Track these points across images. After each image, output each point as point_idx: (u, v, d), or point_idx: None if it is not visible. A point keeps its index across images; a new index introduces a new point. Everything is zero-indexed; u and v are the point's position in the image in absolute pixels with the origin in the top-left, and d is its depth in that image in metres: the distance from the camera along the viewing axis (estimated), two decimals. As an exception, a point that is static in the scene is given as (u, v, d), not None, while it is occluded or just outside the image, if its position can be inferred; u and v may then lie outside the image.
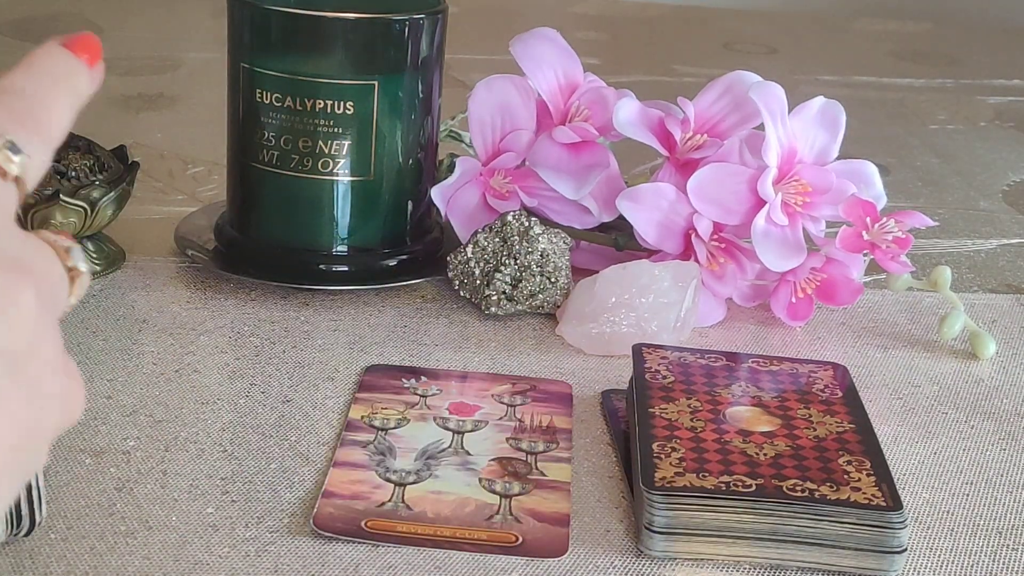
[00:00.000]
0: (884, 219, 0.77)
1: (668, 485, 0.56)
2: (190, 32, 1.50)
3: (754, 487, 0.56)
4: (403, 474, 0.60)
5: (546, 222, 0.81)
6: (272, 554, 0.55)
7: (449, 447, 0.62)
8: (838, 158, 0.82)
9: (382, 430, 0.64)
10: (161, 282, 0.81)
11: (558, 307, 0.78)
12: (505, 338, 0.77)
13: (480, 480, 0.60)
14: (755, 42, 1.67)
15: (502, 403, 0.67)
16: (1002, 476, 0.65)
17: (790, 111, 0.79)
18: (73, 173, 0.78)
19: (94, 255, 0.81)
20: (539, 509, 0.58)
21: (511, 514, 0.57)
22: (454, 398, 0.67)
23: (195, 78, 1.29)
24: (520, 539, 0.56)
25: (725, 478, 0.56)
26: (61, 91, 0.37)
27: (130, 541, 0.55)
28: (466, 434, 0.64)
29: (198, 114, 1.17)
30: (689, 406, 0.63)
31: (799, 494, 0.56)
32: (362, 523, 0.56)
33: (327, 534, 0.56)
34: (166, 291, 0.80)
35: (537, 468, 0.61)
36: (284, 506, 0.58)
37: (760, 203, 0.78)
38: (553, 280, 0.78)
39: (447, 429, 0.64)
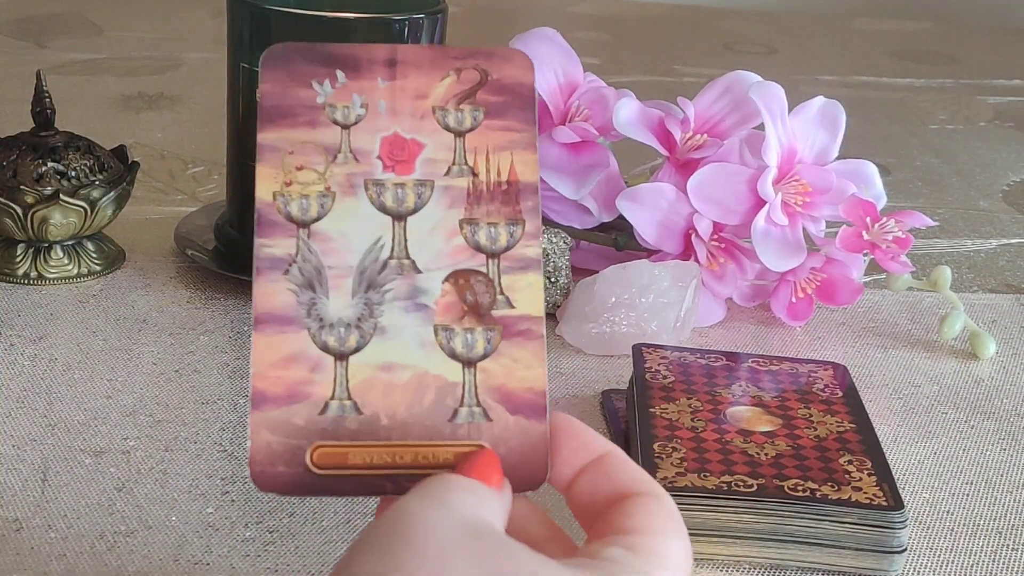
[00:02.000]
0: (884, 219, 0.77)
1: (670, 485, 0.56)
2: (190, 32, 1.50)
3: (755, 487, 0.56)
4: (342, 333, 0.44)
5: (546, 222, 0.81)
6: (272, 554, 0.55)
7: (391, 256, 0.45)
8: (838, 158, 0.82)
9: (302, 224, 0.45)
10: (161, 282, 0.81)
11: (558, 307, 0.78)
12: (505, 338, 0.77)
13: (436, 332, 0.44)
14: (755, 42, 1.67)
15: (447, 127, 0.48)
16: (1002, 476, 0.65)
17: (790, 111, 0.79)
18: (73, 173, 0.78)
19: (94, 255, 0.81)
20: (509, 387, 0.44)
21: (478, 404, 0.44)
22: (385, 123, 0.48)
23: (195, 78, 1.29)
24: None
25: (726, 478, 0.56)
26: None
27: (130, 540, 0.55)
28: (408, 220, 0.46)
29: (198, 114, 1.17)
30: (689, 406, 0.63)
31: (800, 494, 0.56)
32: (307, 454, 0.43)
33: (271, 492, 0.43)
34: (166, 291, 0.80)
35: (502, 291, 0.45)
36: (284, 506, 0.58)
37: (760, 203, 0.78)
38: (553, 280, 0.78)
39: (384, 211, 0.46)
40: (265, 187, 0.45)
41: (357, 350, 0.44)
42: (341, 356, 0.43)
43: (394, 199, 0.46)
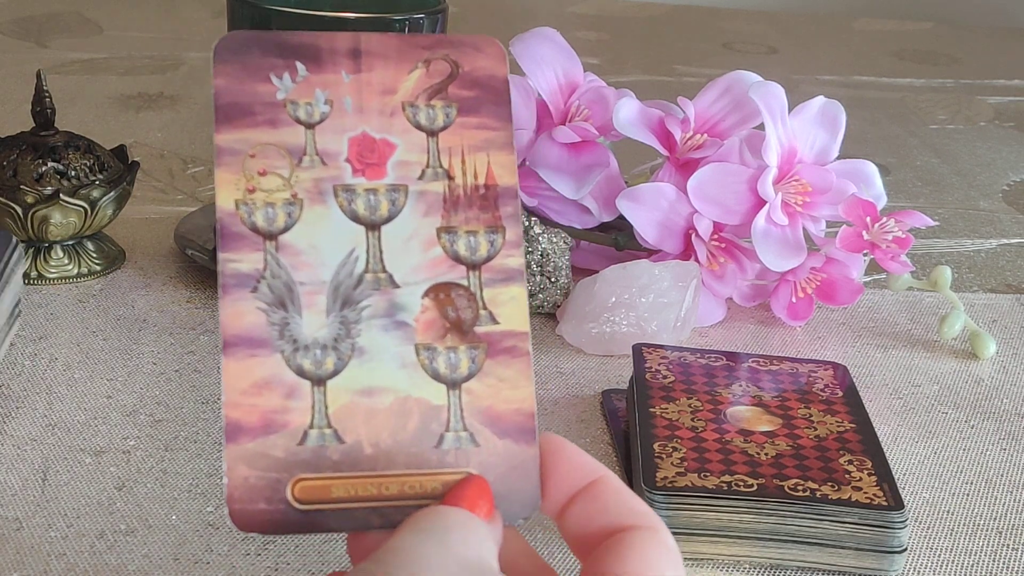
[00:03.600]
0: (884, 219, 0.77)
1: (670, 485, 0.56)
2: (190, 32, 1.50)
3: (755, 487, 0.56)
4: (318, 355, 0.41)
5: (546, 222, 0.81)
6: (272, 552, 0.55)
7: (367, 270, 0.42)
8: (838, 158, 0.82)
9: (269, 235, 0.42)
10: (161, 282, 0.81)
11: (558, 307, 0.78)
12: (505, 338, 0.77)
13: (418, 352, 0.42)
14: (755, 42, 1.67)
15: (418, 126, 0.44)
16: (1002, 476, 0.65)
17: (790, 111, 0.79)
18: (73, 173, 0.78)
19: (94, 255, 0.81)
20: (497, 408, 0.42)
21: (464, 429, 0.41)
22: (352, 122, 0.44)
23: (195, 78, 1.29)
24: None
25: (727, 478, 0.56)
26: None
27: (130, 540, 0.55)
28: (382, 229, 0.43)
29: (198, 114, 1.17)
30: (690, 406, 0.63)
31: (801, 494, 0.56)
32: (288, 489, 0.40)
33: (252, 532, 0.40)
34: (166, 291, 0.80)
35: (485, 306, 0.43)
36: (284, 506, 0.58)
37: (760, 203, 0.78)
38: (553, 280, 0.78)
39: (357, 220, 0.43)
40: (226, 194, 0.41)
41: (335, 373, 0.41)
42: (318, 380, 0.41)
43: (366, 206, 0.43)
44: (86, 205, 0.78)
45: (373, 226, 0.42)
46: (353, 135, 0.43)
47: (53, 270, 0.79)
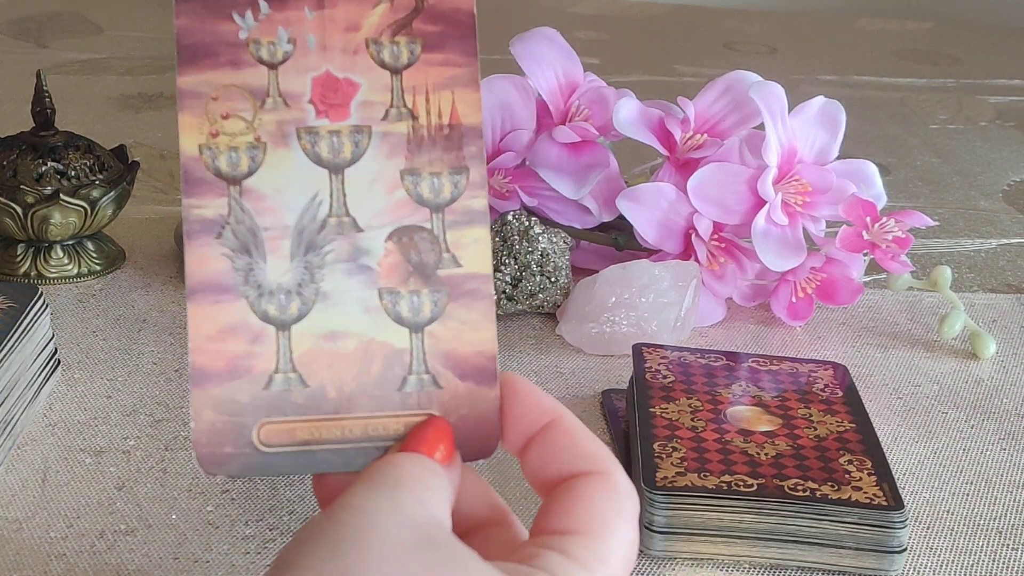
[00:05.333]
0: (884, 219, 0.77)
1: (670, 485, 0.56)
2: (190, 32, 1.50)
3: (755, 487, 0.56)
4: (282, 300, 0.41)
5: (546, 222, 0.81)
6: (271, 551, 0.55)
7: (330, 214, 0.42)
8: (838, 158, 0.82)
9: (233, 180, 0.41)
10: (161, 282, 0.81)
11: (558, 307, 0.78)
12: (505, 338, 0.77)
13: (381, 296, 0.42)
14: (755, 42, 1.67)
15: (383, 63, 0.43)
16: (1002, 476, 0.65)
17: (790, 111, 0.79)
18: (73, 173, 0.79)
19: (94, 255, 0.81)
20: (459, 351, 0.42)
21: (427, 371, 0.42)
22: (316, 61, 0.43)
23: (195, 78, 1.29)
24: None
25: (726, 478, 0.56)
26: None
27: (130, 539, 0.55)
28: (346, 172, 0.42)
29: (198, 114, 1.17)
30: (689, 406, 0.63)
31: (800, 494, 0.56)
32: (253, 432, 0.41)
33: (219, 475, 0.41)
34: (166, 291, 0.80)
35: (448, 249, 0.42)
36: (283, 504, 0.59)
37: (760, 203, 0.78)
38: (553, 280, 0.78)
39: (320, 164, 0.42)
40: (189, 139, 0.41)
41: (299, 318, 0.41)
42: (283, 325, 0.41)
43: (330, 149, 0.42)
44: (86, 205, 0.78)
45: (336, 169, 0.42)
46: (316, 75, 0.42)
47: (53, 270, 0.79)
